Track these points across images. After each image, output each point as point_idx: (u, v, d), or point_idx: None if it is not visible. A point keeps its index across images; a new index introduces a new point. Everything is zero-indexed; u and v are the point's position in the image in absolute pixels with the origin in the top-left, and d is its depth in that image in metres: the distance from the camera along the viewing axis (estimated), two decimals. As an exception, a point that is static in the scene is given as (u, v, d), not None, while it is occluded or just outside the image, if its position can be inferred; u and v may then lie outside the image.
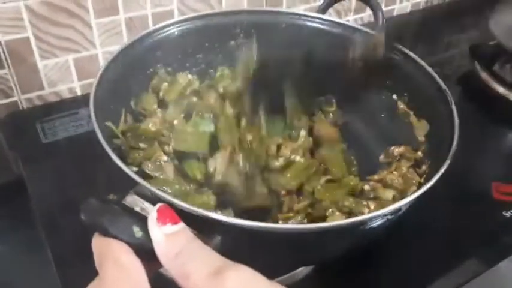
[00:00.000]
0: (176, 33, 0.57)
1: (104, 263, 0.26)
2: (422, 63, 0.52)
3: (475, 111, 0.75)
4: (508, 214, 0.55)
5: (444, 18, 1.01)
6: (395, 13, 0.97)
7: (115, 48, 0.67)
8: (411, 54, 0.53)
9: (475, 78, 0.79)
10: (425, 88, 0.51)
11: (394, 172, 0.49)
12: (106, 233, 0.28)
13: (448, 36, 0.95)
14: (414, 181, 0.47)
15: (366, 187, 0.49)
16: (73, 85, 0.68)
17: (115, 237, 0.27)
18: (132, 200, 0.31)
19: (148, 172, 0.48)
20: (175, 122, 0.53)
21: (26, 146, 0.62)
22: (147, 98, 0.55)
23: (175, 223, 0.27)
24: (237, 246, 0.26)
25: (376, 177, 0.49)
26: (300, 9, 0.83)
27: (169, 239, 0.27)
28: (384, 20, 0.58)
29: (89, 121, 0.65)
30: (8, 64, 0.62)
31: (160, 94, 0.56)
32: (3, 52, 0.61)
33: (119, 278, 0.25)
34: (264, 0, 0.78)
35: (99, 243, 0.28)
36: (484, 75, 0.79)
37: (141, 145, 0.50)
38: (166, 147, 0.51)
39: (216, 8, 0.73)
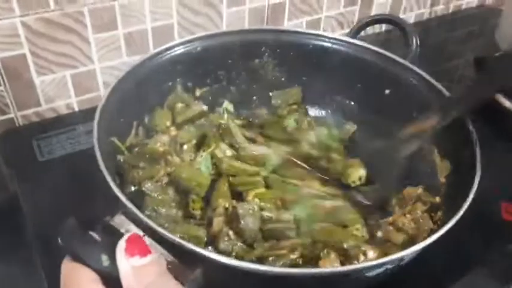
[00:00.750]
0: (199, 48, 0.56)
1: None
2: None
3: (480, 126, 0.74)
4: (517, 236, 0.53)
5: (448, 29, 1.00)
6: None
7: (114, 63, 0.67)
8: (439, 86, 0.52)
9: (481, 91, 0.77)
10: (451, 126, 0.49)
11: (407, 215, 0.47)
12: (76, 258, 0.27)
13: (452, 48, 0.94)
14: (427, 227, 0.45)
15: (379, 233, 0.47)
16: (70, 101, 0.67)
17: (84, 262, 0.27)
18: (119, 221, 0.31)
19: (147, 192, 0.47)
20: (185, 147, 0.52)
21: (21, 164, 0.60)
22: (161, 114, 0.55)
23: (144, 255, 0.26)
24: (217, 282, 0.25)
25: (390, 219, 0.47)
26: (302, 21, 0.81)
27: (137, 271, 0.25)
28: (418, 48, 0.57)
29: (86, 138, 0.64)
30: (3, 81, 0.61)
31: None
32: (-1, 69, 0.60)
33: None
34: (266, 14, 0.77)
35: (68, 268, 0.26)
36: (490, 90, 0.77)
37: (141, 164, 0.49)
38: (169, 169, 0.50)
39: (217, 22, 0.72)
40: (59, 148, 0.62)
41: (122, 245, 0.26)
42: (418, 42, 0.58)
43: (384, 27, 0.93)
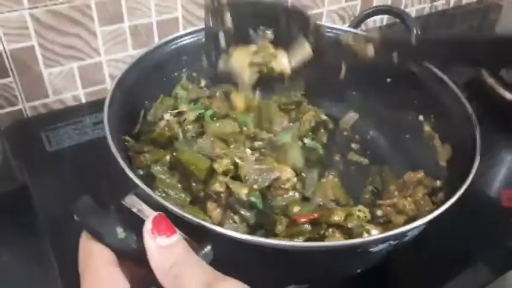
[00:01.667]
0: (204, 39, 0.56)
1: (85, 273, 0.26)
2: (451, 84, 0.51)
3: (481, 117, 0.75)
4: (517, 222, 0.54)
5: (449, 24, 1.01)
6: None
7: (120, 56, 0.68)
8: (440, 74, 0.53)
9: (482, 84, 0.78)
10: (452, 111, 0.50)
11: (408, 198, 0.48)
12: (92, 231, 0.28)
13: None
14: (427, 208, 0.46)
15: (379, 212, 0.48)
16: (77, 93, 0.68)
17: (99, 235, 0.27)
18: (131, 201, 0.31)
19: (156, 174, 0.47)
20: (190, 127, 0.53)
21: (30, 155, 0.61)
22: (167, 101, 0.55)
23: (171, 235, 0.27)
24: (228, 257, 0.26)
25: (388, 201, 0.48)
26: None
27: (163, 251, 0.26)
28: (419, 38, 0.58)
29: (93, 129, 0.65)
30: (12, 72, 0.62)
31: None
32: (8, 61, 0.61)
33: None
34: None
35: (84, 248, 0.27)
36: (491, 81, 0.78)
37: (145, 148, 0.50)
38: (175, 153, 0.51)
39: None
40: (67, 139, 0.63)
41: (148, 225, 0.27)
42: (419, 32, 0.59)
43: (385, 21, 0.94)
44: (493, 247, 0.53)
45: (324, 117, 0.59)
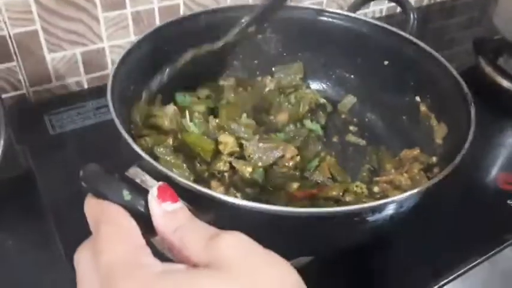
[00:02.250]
0: (204, 22, 0.58)
1: (102, 224, 0.26)
2: (447, 64, 0.52)
3: (479, 105, 0.75)
4: (512, 203, 0.55)
5: (448, 15, 1.02)
6: (398, 9, 0.98)
7: (122, 42, 0.69)
8: (435, 54, 0.54)
9: (480, 72, 0.79)
10: (447, 90, 0.51)
11: (404, 174, 0.49)
12: (98, 194, 0.29)
13: (452, 32, 0.96)
14: (423, 182, 0.47)
15: (376, 189, 0.49)
16: (80, 78, 0.69)
17: (106, 197, 0.28)
18: (134, 172, 0.32)
19: (160, 156, 0.48)
20: (196, 114, 0.54)
21: (34, 138, 0.62)
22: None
23: (174, 201, 0.28)
24: (230, 227, 0.27)
25: (384, 178, 0.49)
26: (305, 3, 0.83)
27: (168, 215, 0.27)
28: (415, 22, 0.59)
29: (96, 113, 0.66)
30: (16, 57, 0.63)
31: None
32: (12, 45, 0.61)
33: (116, 237, 0.26)
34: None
35: (95, 207, 0.28)
36: (489, 70, 0.79)
37: (145, 132, 0.51)
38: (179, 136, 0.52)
39: (220, 1, 0.74)
40: (70, 123, 0.64)
41: (154, 192, 0.28)
42: (416, 15, 0.59)
43: (384, 12, 0.95)
44: (489, 227, 0.53)
45: (323, 100, 0.60)
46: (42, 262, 0.49)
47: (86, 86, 0.70)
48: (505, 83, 0.77)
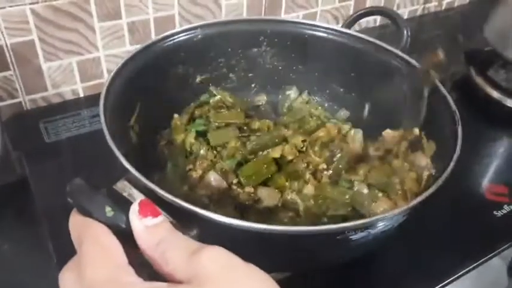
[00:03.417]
0: (200, 36, 0.59)
1: (84, 242, 0.27)
2: (436, 81, 0.53)
3: (469, 115, 0.76)
4: (498, 214, 0.56)
5: (441, 26, 1.03)
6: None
7: (117, 51, 0.70)
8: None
9: (471, 83, 0.80)
10: (436, 108, 0.52)
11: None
12: (82, 210, 0.29)
13: (444, 43, 0.97)
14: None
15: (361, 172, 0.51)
16: (76, 87, 0.70)
17: (90, 214, 0.29)
18: (122, 186, 0.33)
19: None
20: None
21: (29, 145, 0.63)
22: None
23: (156, 216, 0.29)
24: (213, 241, 0.28)
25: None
26: (299, 15, 0.85)
27: (149, 230, 0.28)
28: (409, 38, 0.60)
29: (91, 121, 0.67)
30: (13, 66, 0.64)
31: None
32: (9, 54, 0.63)
33: (98, 257, 0.26)
34: (263, 7, 0.80)
35: (78, 223, 0.29)
36: (479, 80, 0.80)
37: None
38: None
39: (216, 14, 0.75)
40: (65, 130, 0.65)
41: (135, 207, 0.29)
42: (409, 32, 0.61)
43: (378, 22, 0.97)
44: (476, 237, 0.55)
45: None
46: (34, 266, 0.50)
47: (81, 95, 0.71)
48: (495, 93, 0.78)
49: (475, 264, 0.51)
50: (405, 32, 0.61)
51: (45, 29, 0.63)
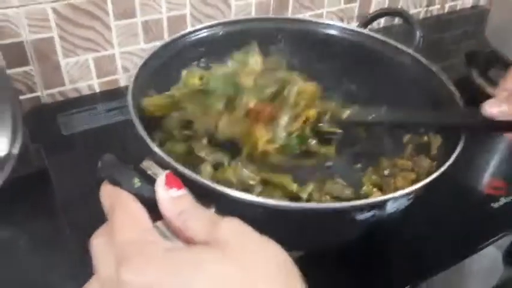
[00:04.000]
0: (221, 32, 0.61)
1: (115, 211, 0.30)
2: (443, 77, 0.55)
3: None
4: (495, 205, 0.59)
5: (444, 29, 1.06)
6: (395, 21, 1.02)
7: (131, 48, 0.73)
8: (434, 69, 0.57)
9: (472, 83, 0.83)
10: (444, 102, 0.54)
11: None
12: (113, 182, 0.32)
13: (447, 46, 1.00)
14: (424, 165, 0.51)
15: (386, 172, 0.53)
16: (92, 82, 0.73)
17: (119, 184, 0.32)
18: (147, 165, 0.36)
19: None
20: None
21: (48, 138, 0.66)
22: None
23: (180, 188, 0.31)
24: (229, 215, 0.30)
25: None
26: (305, 16, 0.87)
27: (174, 200, 0.31)
28: (422, 39, 0.62)
29: (106, 115, 0.70)
30: (33, 61, 0.67)
31: None
32: (29, 50, 0.66)
33: (127, 222, 0.29)
34: (271, 8, 0.83)
35: (109, 193, 0.32)
36: (480, 81, 0.83)
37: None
38: None
39: (225, 13, 0.78)
40: (82, 124, 0.68)
41: (162, 179, 0.32)
42: (422, 34, 0.63)
43: (382, 23, 0.99)
44: (474, 227, 0.57)
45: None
46: (53, 259, 0.51)
47: (97, 90, 0.74)
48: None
49: (473, 253, 0.53)
50: (418, 33, 0.64)
51: (64, 26, 0.66)
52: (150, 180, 0.33)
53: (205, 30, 0.60)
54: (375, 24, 0.98)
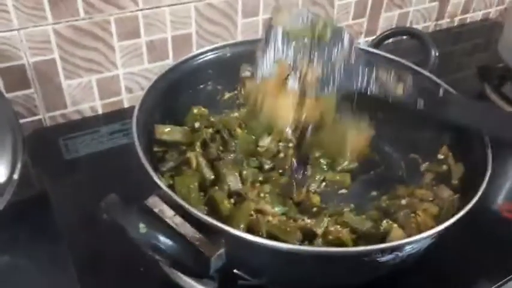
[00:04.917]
0: (228, 54, 0.60)
1: None
2: None
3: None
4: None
5: (454, 42, 1.04)
6: (405, 36, 1.00)
7: (136, 69, 0.71)
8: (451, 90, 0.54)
9: (485, 99, 0.80)
10: (465, 130, 0.52)
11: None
12: (116, 224, 0.30)
13: (457, 59, 0.97)
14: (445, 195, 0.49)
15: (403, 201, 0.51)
16: (95, 104, 0.71)
17: (123, 228, 0.30)
18: (153, 202, 0.34)
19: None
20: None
21: (49, 162, 0.64)
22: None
23: None
24: (239, 260, 0.28)
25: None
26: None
27: None
28: (436, 60, 0.60)
29: (109, 138, 0.68)
30: (34, 84, 0.65)
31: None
32: (31, 73, 0.64)
33: None
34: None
35: None
36: (494, 97, 0.80)
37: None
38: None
39: (232, 32, 0.76)
40: (84, 147, 0.66)
41: None
42: (437, 53, 0.61)
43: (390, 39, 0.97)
44: (494, 256, 0.54)
45: None
46: (54, 282, 0.50)
47: (100, 112, 0.73)
48: (509, 109, 0.78)
49: (497, 285, 0.51)
50: (433, 52, 0.62)
51: (66, 48, 0.64)
52: (158, 226, 0.31)
53: (210, 53, 0.58)
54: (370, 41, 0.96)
